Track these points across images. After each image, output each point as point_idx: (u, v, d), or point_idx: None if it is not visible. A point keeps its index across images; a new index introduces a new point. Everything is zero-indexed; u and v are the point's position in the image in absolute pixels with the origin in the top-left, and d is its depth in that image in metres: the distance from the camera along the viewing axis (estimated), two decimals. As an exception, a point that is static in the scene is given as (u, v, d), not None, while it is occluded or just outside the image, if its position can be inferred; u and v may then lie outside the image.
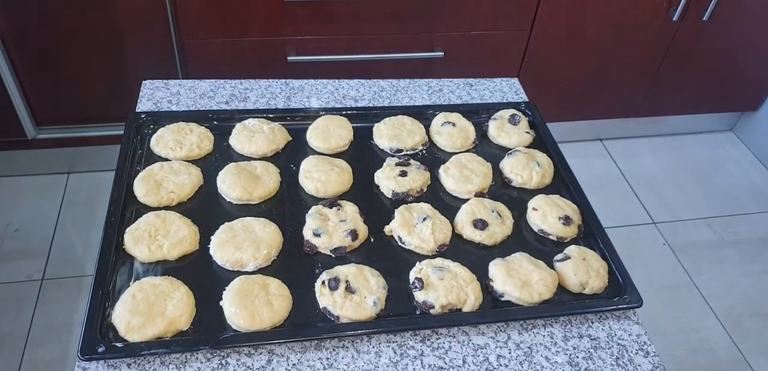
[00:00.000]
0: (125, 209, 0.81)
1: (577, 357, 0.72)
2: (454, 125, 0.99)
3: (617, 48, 1.91)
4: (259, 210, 0.84)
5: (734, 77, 2.13)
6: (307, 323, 0.71)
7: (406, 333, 0.72)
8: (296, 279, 0.75)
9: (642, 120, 2.25)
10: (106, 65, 1.64)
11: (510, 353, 0.72)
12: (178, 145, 0.90)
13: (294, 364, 0.68)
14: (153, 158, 0.89)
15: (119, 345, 0.65)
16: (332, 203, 0.84)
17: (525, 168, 0.93)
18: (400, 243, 0.81)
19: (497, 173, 0.95)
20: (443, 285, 0.74)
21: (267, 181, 0.86)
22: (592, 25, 1.82)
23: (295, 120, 0.98)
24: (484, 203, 0.87)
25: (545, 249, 0.84)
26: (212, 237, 0.78)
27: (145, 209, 0.81)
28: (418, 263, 0.78)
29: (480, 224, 0.83)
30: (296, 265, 0.77)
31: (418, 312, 0.73)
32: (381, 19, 1.65)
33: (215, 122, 0.96)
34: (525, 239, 0.85)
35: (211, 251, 0.77)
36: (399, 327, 0.71)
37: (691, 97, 2.17)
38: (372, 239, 0.82)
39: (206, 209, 0.83)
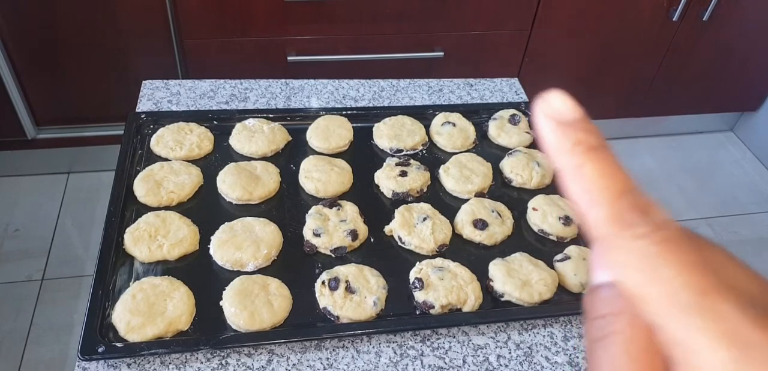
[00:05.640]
0: (125, 209, 0.81)
1: (577, 357, 0.72)
2: (454, 125, 0.99)
3: (617, 48, 1.91)
4: (259, 210, 0.84)
5: (734, 77, 2.13)
6: (307, 323, 0.71)
7: (406, 333, 0.72)
8: (296, 279, 0.75)
9: (642, 120, 2.25)
10: (106, 65, 1.64)
11: (510, 353, 0.72)
12: (178, 145, 0.90)
13: (294, 364, 0.68)
14: (153, 158, 0.89)
15: (119, 345, 0.65)
16: (332, 203, 0.83)
17: (525, 168, 0.93)
18: (400, 243, 0.81)
19: (497, 173, 0.95)
20: (443, 285, 0.74)
21: (267, 181, 0.86)
22: (592, 25, 1.82)
23: (295, 120, 0.98)
24: (484, 203, 0.87)
25: (545, 249, 0.84)
26: (212, 237, 0.78)
27: (145, 209, 0.81)
28: (418, 263, 0.78)
29: (480, 224, 0.83)
30: (296, 265, 0.77)
31: (418, 312, 0.73)
32: (381, 19, 1.65)
33: (215, 122, 0.96)
34: (525, 239, 0.85)
35: (211, 251, 0.77)
36: (399, 327, 0.71)
37: (691, 97, 2.17)
38: (372, 239, 0.82)
39: (206, 209, 0.83)
